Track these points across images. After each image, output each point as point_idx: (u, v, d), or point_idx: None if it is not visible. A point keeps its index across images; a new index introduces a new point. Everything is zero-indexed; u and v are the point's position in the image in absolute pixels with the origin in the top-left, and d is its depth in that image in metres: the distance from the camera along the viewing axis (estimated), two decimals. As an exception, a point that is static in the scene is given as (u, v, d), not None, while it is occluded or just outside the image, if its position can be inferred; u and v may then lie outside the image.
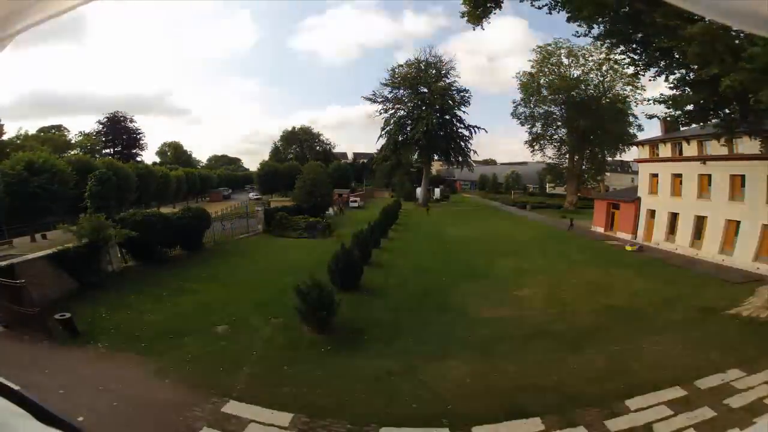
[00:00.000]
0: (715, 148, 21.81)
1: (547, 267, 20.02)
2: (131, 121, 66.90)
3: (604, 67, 46.17)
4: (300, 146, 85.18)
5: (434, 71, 53.67)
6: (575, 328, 12.13)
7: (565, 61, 48.98)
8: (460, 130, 55.44)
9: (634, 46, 15.26)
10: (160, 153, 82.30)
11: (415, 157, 60.89)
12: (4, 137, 40.37)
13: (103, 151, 60.22)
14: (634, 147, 34.64)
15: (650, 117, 19.96)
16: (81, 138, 60.20)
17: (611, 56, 18.92)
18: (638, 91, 44.81)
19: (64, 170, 25.82)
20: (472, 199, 69.27)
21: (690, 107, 16.15)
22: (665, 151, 26.24)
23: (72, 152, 47.67)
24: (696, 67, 13.75)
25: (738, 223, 20.12)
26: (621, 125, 47.72)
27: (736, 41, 11.22)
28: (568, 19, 14.97)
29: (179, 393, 8.34)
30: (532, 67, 51.09)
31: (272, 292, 15.09)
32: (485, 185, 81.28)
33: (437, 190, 66.58)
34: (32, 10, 0.91)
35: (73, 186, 25.77)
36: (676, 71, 15.18)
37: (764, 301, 13.24)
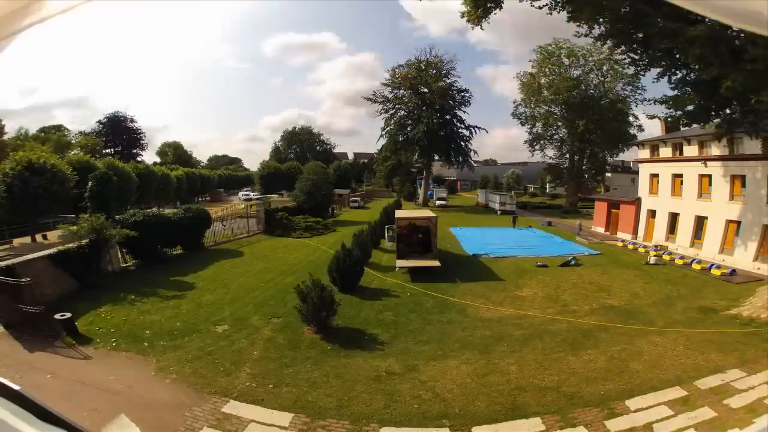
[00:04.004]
0: (715, 148, 21.80)
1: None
2: (132, 121, 67.02)
3: (604, 67, 46.20)
4: (300, 146, 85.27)
5: (434, 71, 53.60)
6: (575, 328, 12.13)
7: (566, 61, 49.00)
8: (460, 131, 55.37)
9: (635, 46, 15.26)
10: (161, 153, 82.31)
11: (416, 157, 60.79)
12: (5, 137, 40.33)
13: (104, 151, 60.24)
14: (635, 147, 34.67)
15: (651, 117, 20.02)
16: (81, 138, 60.21)
17: (612, 56, 18.89)
18: (639, 92, 44.91)
19: (64, 170, 25.82)
20: (473, 200, 69.17)
21: (691, 107, 16.16)
22: (666, 151, 26.23)
23: (72, 152, 47.63)
24: (697, 67, 13.75)
25: (738, 223, 20.11)
26: (621, 125, 47.70)
27: (736, 42, 11.21)
28: (569, 19, 14.97)
29: (179, 393, 8.35)
30: (533, 67, 51.21)
31: (272, 292, 15.11)
32: (486, 186, 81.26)
33: (436, 190, 60.68)
34: (32, 10, 0.91)
35: (74, 186, 25.77)
36: (677, 71, 15.18)
37: (764, 301, 13.23)
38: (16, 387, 1.15)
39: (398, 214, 22.72)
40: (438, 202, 54.14)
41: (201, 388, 8.50)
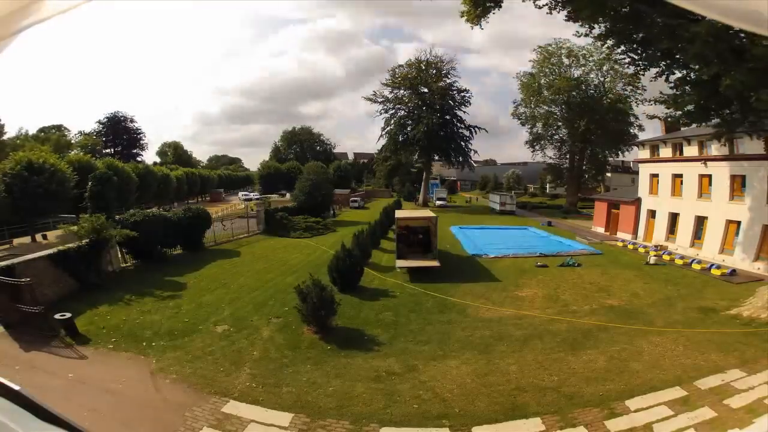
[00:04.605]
0: (715, 148, 21.80)
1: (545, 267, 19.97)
2: (131, 121, 67.01)
3: (604, 67, 46.18)
4: (300, 146, 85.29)
5: (434, 71, 53.60)
6: (575, 328, 12.13)
7: (566, 61, 49.01)
8: (460, 131, 55.38)
9: (634, 46, 15.25)
10: (161, 153, 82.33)
11: (416, 157, 60.83)
12: (5, 137, 40.34)
13: (104, 151, 60.23)
14: (635, 147, 34.67)
15: (651, 117, 19.99)
16: (81, 138, 60.19)
17: (612, 56, 18.90)
18: (638, 91, 44.87)
19: (64, 170, 25.82)
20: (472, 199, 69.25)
21: (691, 107, 16.15)
22: (666, 151, 26.23)
23: (72, 152, 47.60)
24: (697, 67, 13.74)
25: (738, 223, 20.12)
26: (621, 125, 47.68)
27: (736, 41, 11.21)
28: (568, 19, 14.97)
29: (179, 393, 8.35)
30: (533, 67, 51.21)
31: (272, 292, 15.10)
32: (486, 185, 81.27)
33: (436, 191, 59.18)
34: (32, 10, 0.91)
35: (74, 186, 25.77)
36: (677, 71, 15.18)
37: (764, 301, 13.23)
38: (16, 387, 1.15)
39: (398, 214, 22.69)
40: (438, 203, 53.66)
41: (201, 388, 8.50)
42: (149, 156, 74.02)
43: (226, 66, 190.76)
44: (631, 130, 48.20)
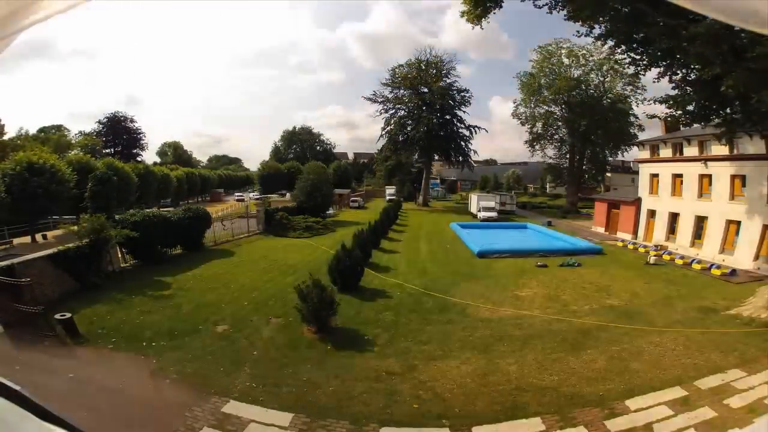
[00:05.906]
0: (715, 148, 21.81)
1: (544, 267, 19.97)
2: (131, 121, 67.07)
3: (604, 67, 46.17)
4: (300, 146, 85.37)
5: (434, 71, 53.62)
6: (575, 328, 12.13)
7: (566, 61, 49.02)
8: (460, 131, 55.43)
9: (635, 45, 15.23)
10: (161, 153, 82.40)
11: (416, 157, 60.88)
12: (5, 137, 40.34)
13: (104, 151, 60.26)
14: (635, 147, 34.70)
15: (651, 117, 19.92)
16: (81, 138, 60.21)
17: (613, 56, 18.88)
18: (639, 91, 44.91)
19: (64, 170, 25.82)
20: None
21: (691, 107, 16.13)
22: (666, 151, 26.24)
23: (72, 152, 47.58)
24: (698, 67, 13.72)
25: (738, 223, 20.12)
26: (621, 125, 47.69)
27: (737, 41, 11.19)
28: (568, 19, 14.95)
29: (179, 393, 8.34)
30: (533, 67, 51.20)
31: (272, 292, 15.10)
32: (486, 185, 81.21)
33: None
34: (33, 10, 0.91)
35: (74, 186, 25.78)
36: (678, 71, 15.16)
37: (765, 301, 13.23)
38: (16, 387, 1.15)
39: None
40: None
41: (201, 388, 8.48)
42: (149, 156, 74.13)
43: (227, 65, 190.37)
44: (631, 130, 48.27)
